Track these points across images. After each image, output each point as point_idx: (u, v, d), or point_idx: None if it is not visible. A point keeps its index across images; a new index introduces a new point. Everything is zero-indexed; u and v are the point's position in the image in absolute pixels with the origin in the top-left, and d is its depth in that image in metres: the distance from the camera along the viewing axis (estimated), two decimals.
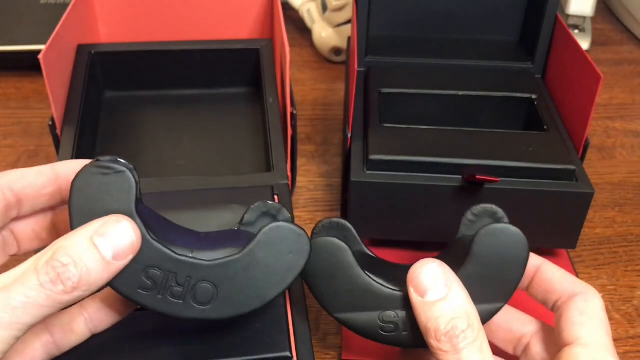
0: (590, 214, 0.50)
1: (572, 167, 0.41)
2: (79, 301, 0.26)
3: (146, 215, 0.28)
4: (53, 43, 0.43)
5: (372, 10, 0.51)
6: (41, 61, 0.41)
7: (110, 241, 0.26)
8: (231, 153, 0.49)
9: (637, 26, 0.75)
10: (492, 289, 0.30)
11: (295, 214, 0.48)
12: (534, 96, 0.47)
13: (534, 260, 0.33)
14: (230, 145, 0.49)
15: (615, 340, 0.40)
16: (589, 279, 0.44)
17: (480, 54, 0.52)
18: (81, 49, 0.51)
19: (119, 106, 0.53)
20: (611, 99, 0.64)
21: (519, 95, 0.48)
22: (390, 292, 0.30)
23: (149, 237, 0.28)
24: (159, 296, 0.28)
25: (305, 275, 0.31)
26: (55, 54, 0.44)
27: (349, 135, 0.44)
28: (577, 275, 0.44)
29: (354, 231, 0.34)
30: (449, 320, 0.28)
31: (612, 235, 0.48)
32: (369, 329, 0.31)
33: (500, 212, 0.33)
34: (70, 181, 0.28)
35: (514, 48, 0.54)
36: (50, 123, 0.43)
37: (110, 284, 0.27)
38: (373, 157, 0.41)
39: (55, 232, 0.32)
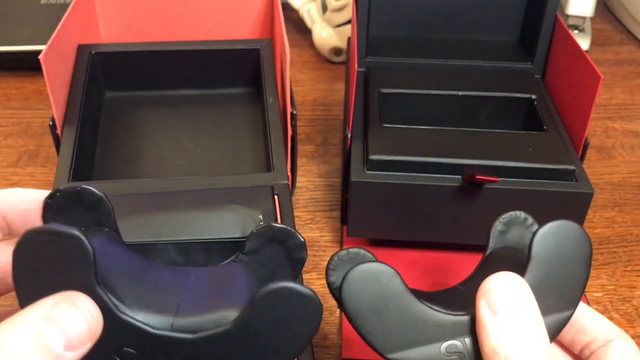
0: (590, 214, 0.50)
1: (571, 167, 0.41)
2: None
3: (112, 274, 0.24)
4: (53, 43, 0.43)
5: (372, 10, 0.51)
6: (41, 61, 0.41)
7: (61, 328, 0.21)
8: (231, 153, 0.49)
9: (637, 26, 0.75)
10: (559, 295, 0.27)
11: (295, 213, 0.48)
12: (533, 96, 0.48)
13: None
14: (230, 145, 0.49)
15: None
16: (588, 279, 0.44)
17: (480, 54, 0.52)
18: (81, 49, 0.51)
19: (119, 106, 0.53)
20: (611, 99, 0.64)
21: (518, 95, 0.48)
22: (454, 319, 0.26)
23: (116, 312, 0.23)
24: None
25: (346, 313, 0.26)
26: (55, 54, 0.44)
27: (349, 135, 0.44)
28: None
29: (376, 260, 0.29)
30: (525, 345, 0.23)
31: (612, 235, 0.48)
32: None
33: (529, 217, 0.31)
34: (5, 215, 0.24)
35: (514, 48, 0.54)
36: (51, 123, 0.43)
37: None
38: (373, 157, 0.41)
39: None
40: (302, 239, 0.27)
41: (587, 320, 0.29)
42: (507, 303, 0.24)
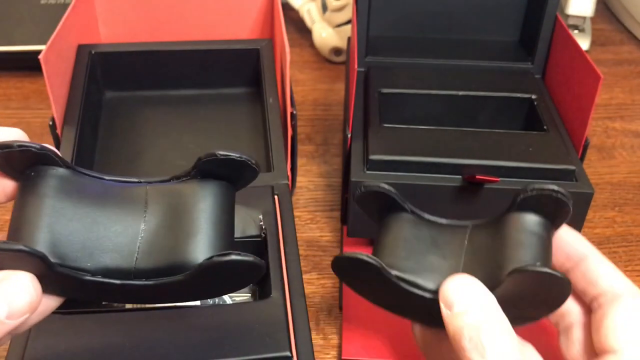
0: (590, 214, 0.50)
1: (571, 167, 0.41)
2: None
3: (66, 241, 0.26)
4: (53, 43, 0.43)
5: (372, 10, 0.51)
6: (41, 61, 0.41)
7: (5, 299, 0.24)
8: None
9: (637, 26, 0.75)
10: (532, 307, 0.29)
11: (296, 213, 0.48)
12: (533, 96, 0.48)
13: (582, 247, 0.31)
14: (230, 145, 0.49)
15: None
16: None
17: (480, 54, 0.52)
18: (81, 49, 0.51)
19: (119, 106, 0.53)
20: (611, 99, 0.64)
21: (518, 95, 0.48)
22: (420, 297, 0.30)
23: (81, 277, 0.26)
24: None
25: (341, 279, 0.30)
26: (55, 54, 0.44)
27: (349, 135, 0.44)
28: None
29: (393, 193, 0.32)
30: (474, 330, 0.27)
31: (612, 235, 0.48)
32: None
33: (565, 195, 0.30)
34: None
35: (514, 48, 0.54)
36: (51, 123, 0.43)
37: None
38: (373, 157, 0.41)
39: None
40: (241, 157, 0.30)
41: (597, 273, 0.30)
42: (455, 299, 0.28)
